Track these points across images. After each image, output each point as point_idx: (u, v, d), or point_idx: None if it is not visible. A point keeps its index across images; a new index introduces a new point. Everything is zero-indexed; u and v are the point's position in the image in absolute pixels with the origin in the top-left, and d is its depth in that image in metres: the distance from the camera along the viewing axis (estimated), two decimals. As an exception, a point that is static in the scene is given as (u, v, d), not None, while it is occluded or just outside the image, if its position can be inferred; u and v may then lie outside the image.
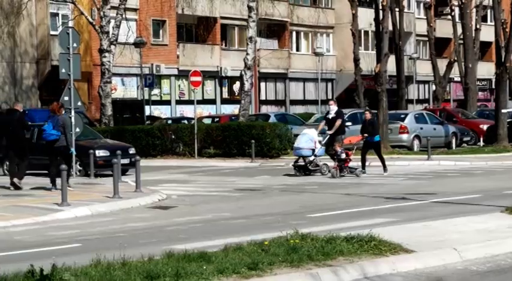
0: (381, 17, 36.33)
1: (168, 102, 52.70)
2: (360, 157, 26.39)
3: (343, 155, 25.41)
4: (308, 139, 25.88)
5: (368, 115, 26.60)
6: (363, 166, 26.13)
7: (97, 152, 26.09)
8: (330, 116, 26.18)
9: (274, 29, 60.02)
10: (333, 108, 26.36)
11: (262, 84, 58.99)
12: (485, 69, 69.50)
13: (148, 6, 50.45)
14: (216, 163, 28.00)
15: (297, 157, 26.49)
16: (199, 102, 44.54)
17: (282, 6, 56.37)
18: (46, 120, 21.86)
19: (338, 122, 25.74)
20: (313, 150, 25.76)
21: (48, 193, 20.76)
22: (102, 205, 18.43)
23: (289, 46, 61.02)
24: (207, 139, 34.25)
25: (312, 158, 25.87)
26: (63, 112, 21.83)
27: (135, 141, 33.24)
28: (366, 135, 26.21)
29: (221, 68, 54.95)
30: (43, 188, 21.73)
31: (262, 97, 58.84)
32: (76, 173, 25.74)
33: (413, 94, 63.95)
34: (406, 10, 56.36)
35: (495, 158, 31.46)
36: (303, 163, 26.10)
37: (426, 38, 61.02)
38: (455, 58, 55.68)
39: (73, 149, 22.58)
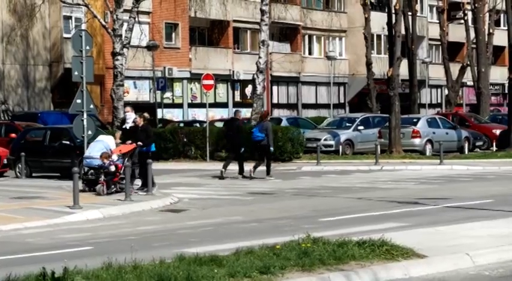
0: (393, 21, 36.25)
1: (180, 106, 52.73)
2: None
3: (112, 168, 21.09)
4: (103, 147, 21.71)
5: (139, 120, 22.09)
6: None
7: (109, 155, 26.02)
8: (128, 126, 22.56)
9: (286, 33, 60.02)
10: (130, 115, 22.68)
11: (275, 87, 58.94)
12: (498, 74, 69.24)
13: (161, 9, 50.51)
14: (228, 167, 27.92)
15: (87, 168, 21.82)
16: (211, 105, 44.51)
17: (294, 9, 56.36)
18: (254, 125, 28.68)
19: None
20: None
21: (61, 195, 20.80)
22: (114, 207, 18.47)
23: (301, 50, 60.97)
24: (219, 142, 34.22)
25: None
26: (269, 118, 27.91)
27: (147, 144, 33.19)
28: (140, 143, 21.65)
29: (233, 71, 54.93)
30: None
31: (275, 101, 58.80)
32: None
33: (425, 98, 63.79)
34: (418, 14, 56.23)
35: (508, 163, 31.29)
36: (94, 177, 21.46)
37: (439, 42, 60.93)
38: (468, 62, 55.50)
39: (272, 148, 26.98)
